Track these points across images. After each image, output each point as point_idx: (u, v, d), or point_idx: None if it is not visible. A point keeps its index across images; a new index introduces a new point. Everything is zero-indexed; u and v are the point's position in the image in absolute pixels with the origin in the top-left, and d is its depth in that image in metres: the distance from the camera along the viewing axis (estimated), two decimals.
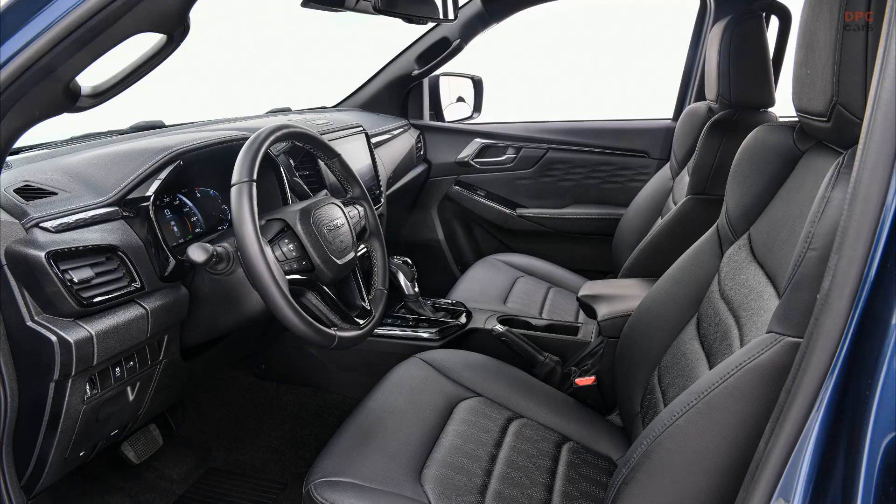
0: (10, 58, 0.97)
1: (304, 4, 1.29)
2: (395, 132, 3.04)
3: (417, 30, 3.09)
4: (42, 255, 1.14)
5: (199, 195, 1.71)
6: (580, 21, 6.66)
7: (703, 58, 2.62)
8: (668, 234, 2.23)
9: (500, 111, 3.57)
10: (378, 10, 1.40)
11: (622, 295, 2.03)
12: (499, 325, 2.14)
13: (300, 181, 1.93)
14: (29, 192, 1.26)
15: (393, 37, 3.17)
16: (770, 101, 2.12)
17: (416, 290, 2.27)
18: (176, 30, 1.07)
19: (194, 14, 1.07)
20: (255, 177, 1.31)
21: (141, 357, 1.38)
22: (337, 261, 1.49)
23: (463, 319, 2.21)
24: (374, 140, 2.66)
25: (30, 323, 1.16)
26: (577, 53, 7.32)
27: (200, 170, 1.68)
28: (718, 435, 0.99)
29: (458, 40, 3.01)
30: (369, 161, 2.53)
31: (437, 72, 3.26)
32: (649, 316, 1.57)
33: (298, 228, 1.43)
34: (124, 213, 1.35)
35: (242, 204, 1.27)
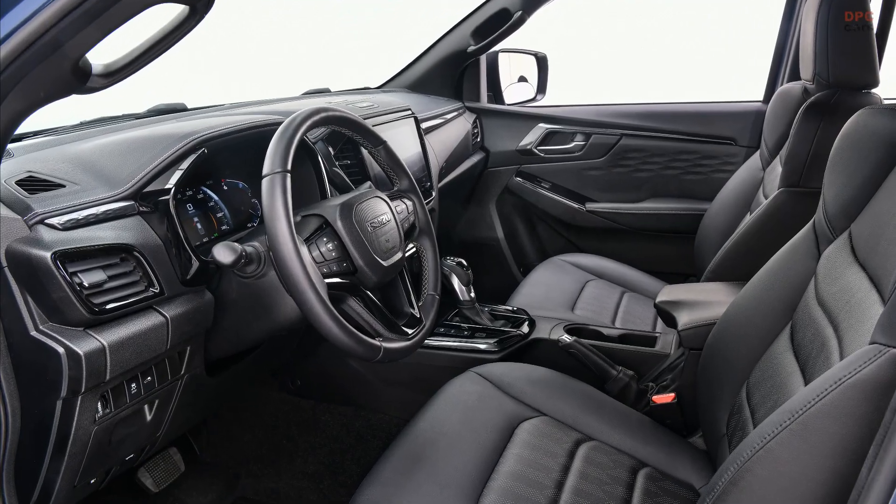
0: (12, 32, 0.96)
1: None
2: (449, 116, 3.07)
3: (473, 1, 3.10)
4: (48, 255, 1.13)
5: (225, 188, 1.72)
6: None
7: (798, 32, 2.62)
8: (758, 231, 2.21)
9: (568, 92, 3.58)
10: None
11: (706, 301, 2.00)
12: (566, 336, 2.13)
13: (340, 172, 1.92)
14: (33, 184, 1.26)
15: (445, 6, 3.15)
16: (874, 82, 2.09)
17: (472, 295, 2.27)
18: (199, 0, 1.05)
19: None
20: (289, 167, 1.30)
21: (160, 371, 1.38)
22: (382, 262, 1.49)
23: (525, 329, 2.21)
24: (424, 125, 2.68)
25: (34, 332, 1.15)
26: (655, 26, 7.23)
27: (227, 159, 1.68)
28: (815, 460, 0.97)
29: (521, 12, 3.01)
30: (419, 149, 2.55)
31: (495, 48, 3.27)
32: (737, 325, 1.56)
33: (338, 225, 1.43)
34: (141, 209, 1.34)
35: (275, 197, 1.26)
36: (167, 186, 1.39)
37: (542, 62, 3.47)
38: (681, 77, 6.47)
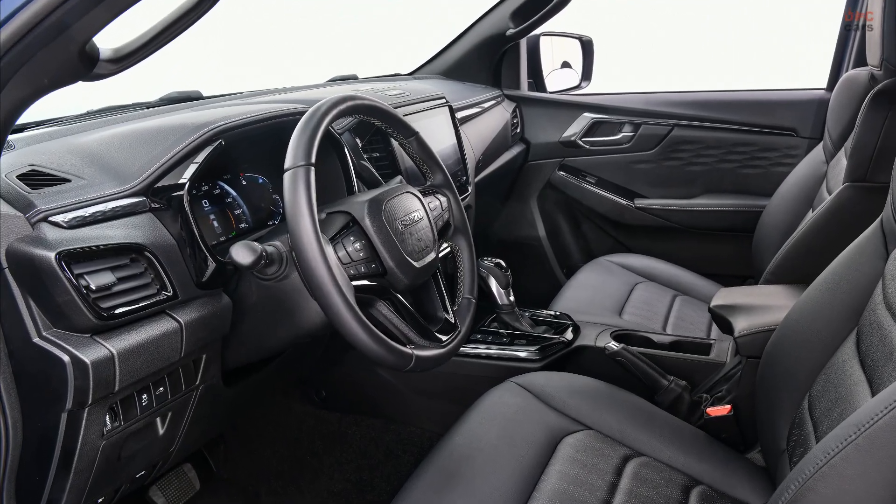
0: (14, 13, 0.95)
1: None
2: (486, 105, 3.07)
3: None
4: (52, 255, 1.13)
5: (244, 183, 1.72)
6: None
7: (864, 13, 2.53)
8: (821, 230, 2.18)
9: (615, 79, 3.57)
10: None
11: (764, 305, 1.98)
12: (613, 343, 2.13)
13: (369, 165, 1.92)
14: (36, 178, 1.26)
15: None
16: None
17: (512, 298, 2.27)
18: None
19: None
20: (313, 160, 1.30)
21: (173, 381, 1.37)
22: (414, 263, 1.49)
23: (569, 335, 2.21)
24: (459, 115, 2.68)
25: (36, 339, 1.15)
26: (710, 7, 7.17)
27: (246, 151, 1.68)
28: (882, 477, 0.95)
29: None
30: (454, 140, 2.55)
31: (537, 31, 3.26)
32: (798, 331, 1.55)
33: (367, 223, 1.43)
34: (153, 205, 1.34)
35: (298, 193, 1.26)
36: (181, 181, 1.39)
37: (587, 46, 3.46)
38: (738, 63, 6.40)
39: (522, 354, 2.12)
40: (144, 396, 1.31)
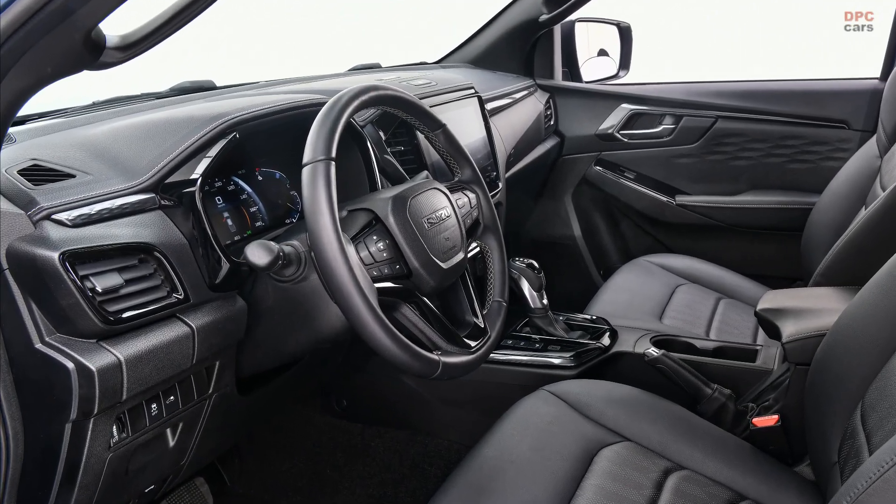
0: None
1: None
2: (518, 95, 3.06)
3: None
4: (55, 255, 1.13)
5: (260, 178, 1.72)
6: None
7: None
8: (875, 229, 2.14)
9: (655, 68, 3.56)
10: None
11: (814, 308, 1.96)
12: (653, 349, 2.09)
13: (393, 160, 1.93)
14: (38, 173, 1.26)
15: None
16: None
17: (545, 301, 2.27)
18: None
19: None
20: (333, 154, 1.30)
21: (184, 390, 1.38)
22: (441, 264, 1.49)
23: (606, 340, 2.21)
24: (489, 106, 2.68)
25: (39, 345, 1.15)
26: None
27: (263, 145, 1.68)
28: None
29: None
30: (483, 133, 2.55)
31: (572, 16, 3.26)
32: (850, 336, 1.52)
33: (390, 221, 1.43)
34: (163, 202, 1.35)
35: (317, 189, 1.26)
36: (193, 176, 1.39)
37: (625, 33, 3.45)
38: (786, 50, 6.37)
39: (556, 361, 2.12)
40: (154, 406, 1.31)
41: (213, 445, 1.63)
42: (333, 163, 1.29)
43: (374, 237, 1.40)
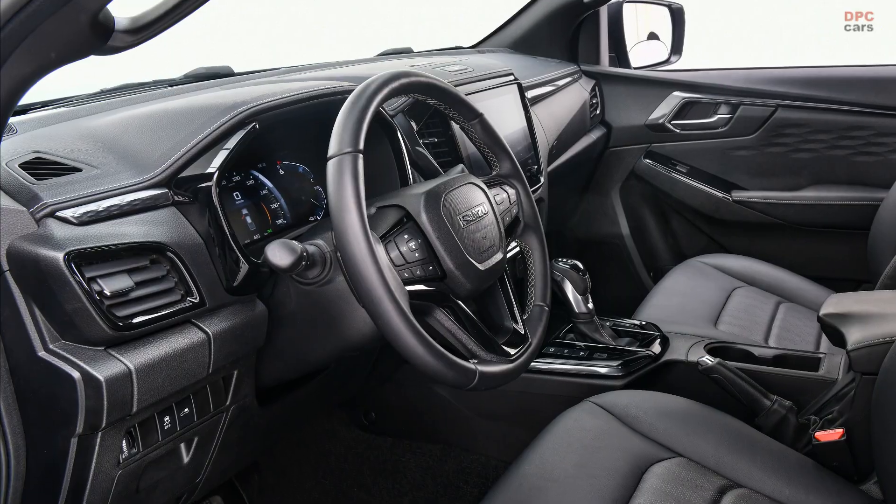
0: None
1: None
2: (561, 82, 3.07)
3: None
4: (60, 256, 1.13)
5: (282, 172, 1.74)
6: None
7: None
8: None
9: (710, 53, 3.53)
10: None
11: (883, 313, 1.94)
12: (707, 357, 2.10)
13: (425, 152, 1.93)
14: (41, 167, 1.26)
15: None
16: None
17: (591, 306, 2.26)
18: None
19: None
20: (361, 146, 1.30)
21: (200, 401, 1.38)
22: (478, 265, 1.49)
23: (656, 348, 2.21)
24: (530, 94, 2.68)
25: (42, 353, 1.15)
26: None
27: (284, 136, 1.70)
28: None
29: None
30: (524, 123, 2.54)
31: None
32: None
33: (423, 219, 1.43)
34: (177, 198, 1.35)
35: (344, 184, 1.26)
36: (209, 170, 1.39)
37: (677, 15, 3.45)
38: (850, 34, 6.32)
39: (603, 370, 2.12)
40: (167, 419, 1.31)
41: (231, 462, 1.64)
42: (361, 155, 1.29)
43: (406, 236, 1.40)
